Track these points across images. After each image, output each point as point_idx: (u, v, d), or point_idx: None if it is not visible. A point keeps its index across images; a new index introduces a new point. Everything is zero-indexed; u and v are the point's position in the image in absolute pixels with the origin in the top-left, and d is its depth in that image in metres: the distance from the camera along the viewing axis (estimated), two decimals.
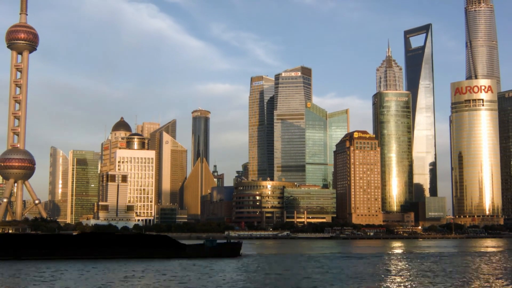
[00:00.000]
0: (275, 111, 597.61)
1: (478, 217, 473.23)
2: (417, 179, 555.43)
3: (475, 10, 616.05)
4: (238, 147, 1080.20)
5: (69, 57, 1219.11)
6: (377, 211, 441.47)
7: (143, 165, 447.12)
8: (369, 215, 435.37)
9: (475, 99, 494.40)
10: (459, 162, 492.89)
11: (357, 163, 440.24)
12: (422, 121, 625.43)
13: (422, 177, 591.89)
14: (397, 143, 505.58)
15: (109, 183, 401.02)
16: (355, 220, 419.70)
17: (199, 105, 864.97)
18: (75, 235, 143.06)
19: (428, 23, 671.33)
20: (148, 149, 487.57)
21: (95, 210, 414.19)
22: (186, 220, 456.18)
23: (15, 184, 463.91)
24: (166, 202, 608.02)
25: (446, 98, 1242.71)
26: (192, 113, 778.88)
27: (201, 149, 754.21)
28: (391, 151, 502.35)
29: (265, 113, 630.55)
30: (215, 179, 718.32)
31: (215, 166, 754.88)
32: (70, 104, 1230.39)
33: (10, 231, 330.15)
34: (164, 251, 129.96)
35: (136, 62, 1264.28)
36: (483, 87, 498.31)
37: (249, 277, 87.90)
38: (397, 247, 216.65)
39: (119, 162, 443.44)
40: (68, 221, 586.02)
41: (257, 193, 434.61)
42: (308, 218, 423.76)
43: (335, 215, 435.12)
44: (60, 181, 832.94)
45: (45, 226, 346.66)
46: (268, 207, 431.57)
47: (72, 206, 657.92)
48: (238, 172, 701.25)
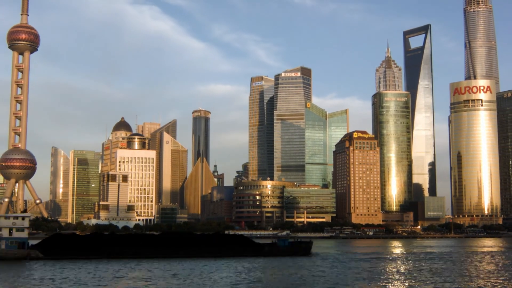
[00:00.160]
0: (275, 111, 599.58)
1: (477, 217, 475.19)
2: (416, 179, 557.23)
3: (474, 10, 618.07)
4: (238, 147, 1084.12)
5: (71, 58, 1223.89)
6: (376, 211, 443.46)
7: (143, 165, 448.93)
8: (369, 215, 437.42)
9: (474, 99, 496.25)
10: (458, 162, 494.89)
11: (357, 163, 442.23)
12: (421, 121, 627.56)
13: (421, 177, 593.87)
14: (396, 143, 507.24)
15: (110, 183, 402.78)
16: (355, 219, 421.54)
17: (200, 106, 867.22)
18: (157, 235, 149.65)
19: (427, 24, 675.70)
20: (148, 149, 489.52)
21: (96, 209, 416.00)
22: (186, 219, 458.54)
23: (16, 184, 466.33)
24: (166, 201, 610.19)
25: (445, 98, 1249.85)
26: (192, 113, 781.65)
27: (201, 149, 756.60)
28: (390, 151, 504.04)
29: (265, 113, 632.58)
30: (215, 179, 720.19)
31: (215, 166, 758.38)
32: (71, 104, 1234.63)
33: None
34: (244, 250, 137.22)
35: (138, 63, 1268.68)
36: (482, 88, 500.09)
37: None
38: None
39: (119, 162, 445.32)
40: (69, 220, 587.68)
41: (257, 192, 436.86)
42: (307, 217, 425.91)
43: (334, 215, 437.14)
44: (61, 181, 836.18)
45: (46, 226, 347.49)
46: (268, 207, 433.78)
47: (73, 205, 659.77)
48: (238, 172, 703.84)
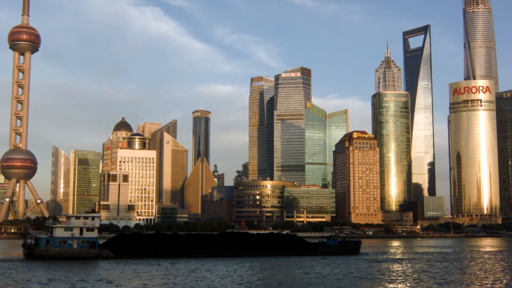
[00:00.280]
0: (275, 111, 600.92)
1: (476, 217, 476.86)
2: (415, 179, 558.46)
3: (473, 11, 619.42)
4: (238, 147, 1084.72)
5: (72, 58, 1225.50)
6: (376, 211, 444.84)
7: (144, 165, 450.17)
8: (368, 215, 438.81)
9: (473, 100, 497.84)
10: (458, 162, 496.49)
11: (356, 163, 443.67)
12: (420, 121, 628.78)
13: (420, 177, 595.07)
14: (396, 143, 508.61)
15: (111, 183, 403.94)
16: (354, 219, 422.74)
17: (200, 106, 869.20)
18: (216, 234, 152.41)
19: (426, 24, 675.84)
20: (149, 149, 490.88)
21: (97, 209, 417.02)
22: (186, 219, 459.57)
23: (17, 183, 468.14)
24: (167, 201, 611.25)
25: (444, 98, 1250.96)
26: (192, 113, 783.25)
27: (202, 149, 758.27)
28: (390, 151, 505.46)
29: (265, 114, 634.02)
30: (215, 179, 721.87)
31: (216, 166, 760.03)
32: (72, 104, 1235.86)
33: (12, 230, 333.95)
34: (300, 249, 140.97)
35: (139, 63, 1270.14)
36: (481, 88, 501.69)
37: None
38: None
39: (120, 162, 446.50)
40: None
41: (257, 192, 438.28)
42: (307, 217, 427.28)
43: (334, 215, 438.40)
44: (61, 181, 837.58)
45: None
46: (268, 207, 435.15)
47: (73, 205, 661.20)
48: (238, 171, 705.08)
